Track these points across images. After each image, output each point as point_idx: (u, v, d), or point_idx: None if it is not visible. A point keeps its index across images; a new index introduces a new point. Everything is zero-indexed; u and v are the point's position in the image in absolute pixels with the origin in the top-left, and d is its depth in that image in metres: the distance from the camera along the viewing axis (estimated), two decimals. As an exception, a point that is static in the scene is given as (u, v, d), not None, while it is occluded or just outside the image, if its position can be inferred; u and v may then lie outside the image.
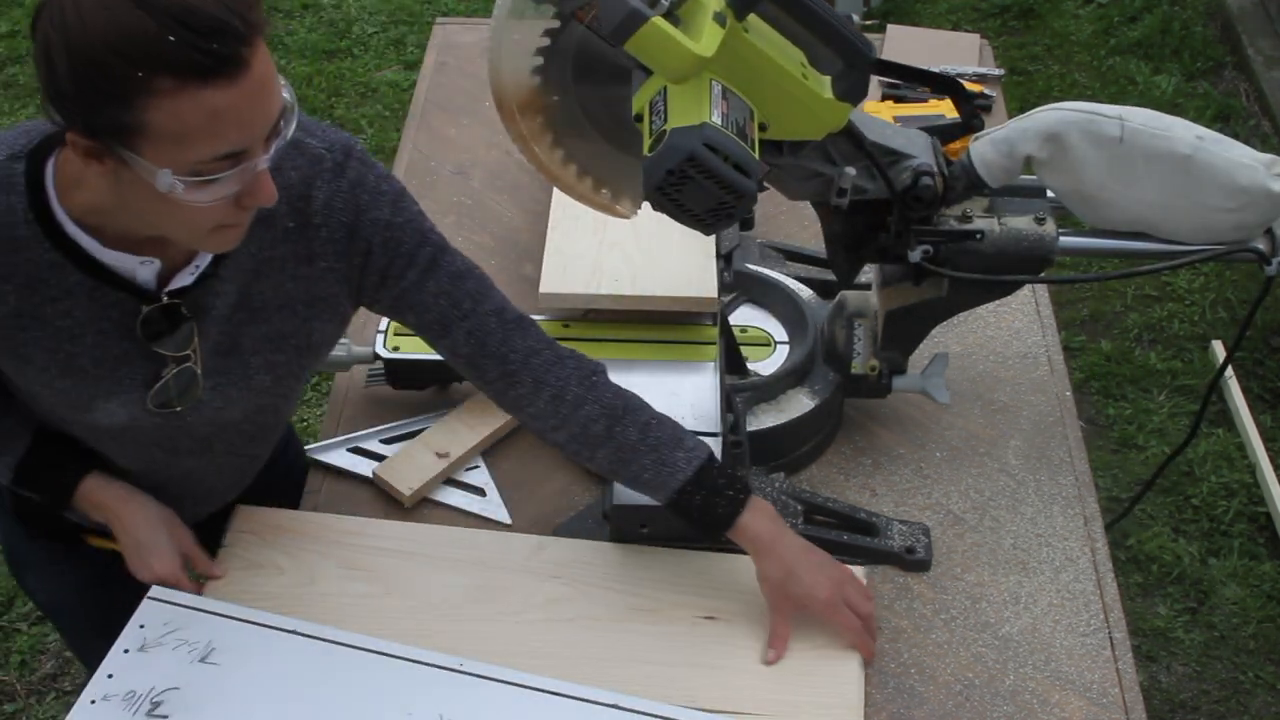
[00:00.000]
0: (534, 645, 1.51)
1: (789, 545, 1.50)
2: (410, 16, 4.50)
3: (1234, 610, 2.76)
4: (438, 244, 1.45)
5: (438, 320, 1.45)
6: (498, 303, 1.47)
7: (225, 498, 1.65)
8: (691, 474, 1.48)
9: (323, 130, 1.39)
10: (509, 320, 1.47)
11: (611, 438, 1.48)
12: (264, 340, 1.42)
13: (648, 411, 1.51)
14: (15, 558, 1.77)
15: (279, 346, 1.43)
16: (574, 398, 1.48)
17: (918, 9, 4.45)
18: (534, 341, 1.48)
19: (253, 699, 1.42)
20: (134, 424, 1.42)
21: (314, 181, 1.37)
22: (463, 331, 1.45)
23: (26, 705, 2.59)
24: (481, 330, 1.46)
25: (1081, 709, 1.52)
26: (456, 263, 1.46)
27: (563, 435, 1.50)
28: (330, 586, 1.57)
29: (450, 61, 2.56)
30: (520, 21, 1.52)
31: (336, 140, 1.39)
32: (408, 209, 1.42)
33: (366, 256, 1.40)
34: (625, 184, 1.67)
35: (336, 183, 1.37)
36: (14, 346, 1.33)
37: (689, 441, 1.50)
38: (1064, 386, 1.92)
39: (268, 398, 1.47)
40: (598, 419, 1.48)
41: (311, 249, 1.39)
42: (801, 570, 1.49)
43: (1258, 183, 1.58)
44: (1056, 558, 1.69)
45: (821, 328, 1.85)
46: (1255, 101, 4.04)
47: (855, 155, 1.56)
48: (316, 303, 1.42)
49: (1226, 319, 3.38)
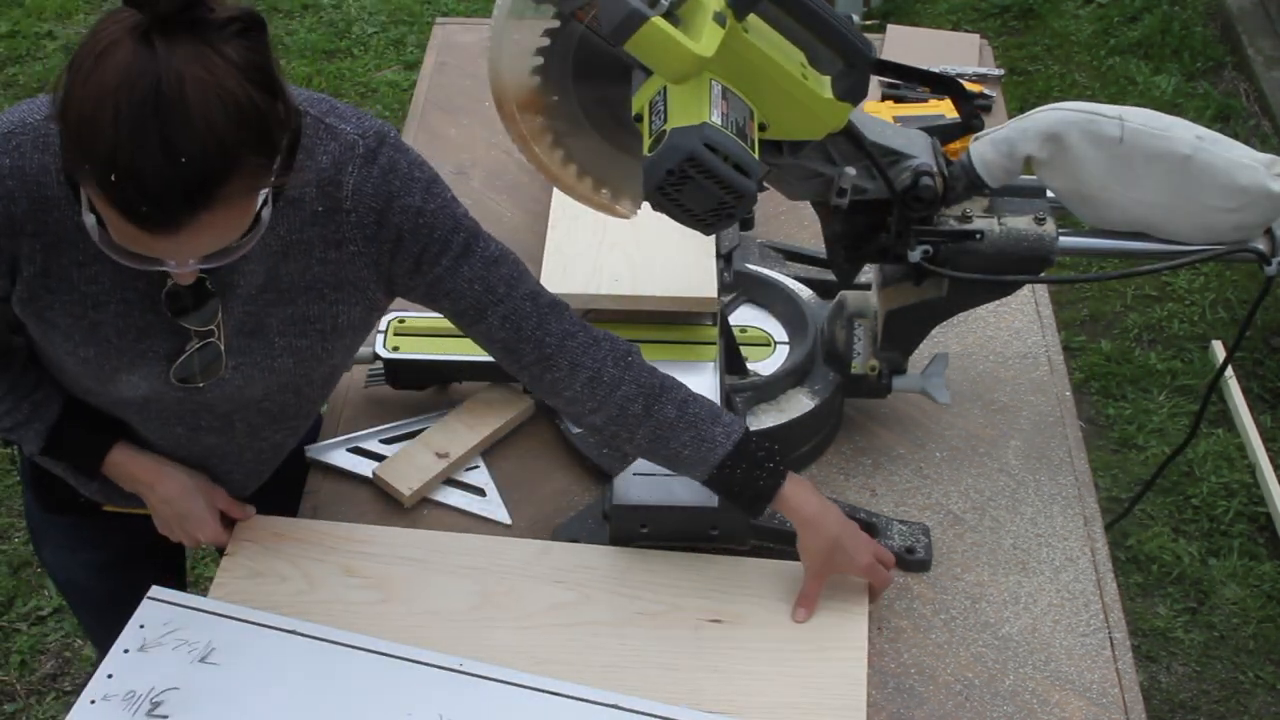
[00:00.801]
0: (538, 651, 1.51)
1: (832, 517, 1.52)
2: (410, 16, 4.50)
3: (1234, 610, 2.76)
4: (471, 229, 1.45)
5: (473, 306, 1.45)
6: (531, 287, 1.48)
7: (244, 488, 1.65)
8: (731, 448, 1.48)
9: (358, 116, 1.40)
10: (544, 304, 1.48)
11: (650, 416, 1.48)
12: (289, 322, 1.42)
13: (683, 390, 1.51)
14: (34, 532, 1.81)
15: (303, 330, 1.43)
16: (611, 379, 1.48)
17: (918, 9, 4.45)
18: (569, 325, 1.48)
19: (253, 699, 1.42)
20: (156, 397, 1.43)
21: (345, 167, 1.37)
22: (498, 316, 1.45)
23: (26, 705, 2.59)
24: (517, 315, 1.45)
25: (1081, 709, 1.52)
26: (490, 248, 1.46)
27: (601, 417, 1.50)
28: (332, 594, 1.57)
29: (450, 61, 2.56)
30: (520, 21, 1.52)
31: (370, 126, 1.39)
32: (440, 195, 1.43)
33: (397, 243, 1.40)
34: (625, 184, 1.67)
35: (367, 169, 1.37)
36: (40, 309, 1.35)
37: (725, 417, 1.50)
38: (1064, 386, 1.92)
39: (289, 379, 1.48)
40: (635, 398, 1.48)
41: (341, 233, 1.39)
42: (845, 540, 1.52)
43: (1258, 183, 1.58)
44: (1056, 558, 1.69)
45: (821, 328, 1.85)
46: (1255, 101, 4.04)
47: (855, 155, 1.55)
48: (344, 286, 1.42)
49: (1226, 319, 3.38)
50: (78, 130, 1.12)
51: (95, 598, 1.81)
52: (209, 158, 1.12)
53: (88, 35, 1.14)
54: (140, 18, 1.11)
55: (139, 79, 1.10)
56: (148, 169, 1.10)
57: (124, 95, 1.09)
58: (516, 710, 1.42)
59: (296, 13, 4.53)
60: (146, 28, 1.11)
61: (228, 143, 1.12)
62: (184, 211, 1.14)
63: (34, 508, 1.73)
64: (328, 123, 1.36)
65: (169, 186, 1.11)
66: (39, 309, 1.35)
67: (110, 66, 1.10)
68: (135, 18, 1.12)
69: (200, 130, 1.11)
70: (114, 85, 1.10)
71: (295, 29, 4.43)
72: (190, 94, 1.10)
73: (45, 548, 1.80)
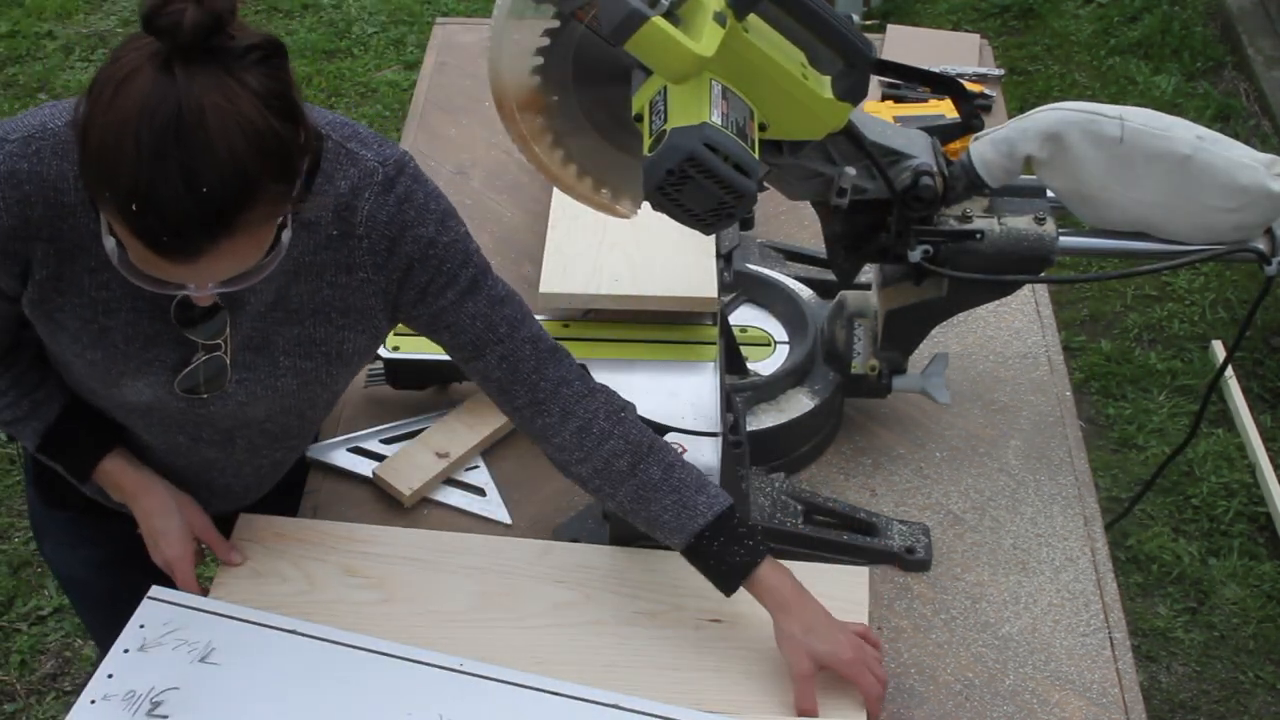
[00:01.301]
0: (539, 651, 1.51)
1: (809, 603, 1.46)
2: (410, 16, 4.50)
3: (1234, 610, 2.76)
4: (480, 266, 1.44)
5: (472, 342, 1.44)
6: (534, 330, 1.47)
7: (242, 500, 1.65)
8: (712, 519, 1.45)
9: (379, 143, 1.39)
10: (543, 349, 1.47)
11: (634, 475, 1.46)
12: (295, 343, 1.42)
13: (672, 454, 1.49)
14: (36, 527, 1.81)
15: (309, 353, 1.43)
16: (600, 431, 1.47)
17: (918, 9, 4.45)
18: (566, 372, 1.48)
19: (253, 699, 1.42)
20: (159, 405, 1.43)
21: (362, 193, 1.36)
22: (496, 356, 1.45)
23: (26, 705, 2.59)
24: (515, 356, 1.45)
25: (1081, 709, 1.52)
26: (498, 288, 1.45)
27: (586, 469, 1.48)
28: (333, 594, 1.57)
29: (450, 61, 2.56)
30: (520, 21, 1.52)
31: (391, 155, 1.39)
32: (454, 229, 1.42)
33: (407, 272, 1.40)
34: (625, 184, 1.67)
35: (384, 197, 1.37)
36: (50, 311, 1.35)
37: (712, 489, 1.47)
38: (1064, 386, 1.92)
39: (292, 401, 1.48)
40: (622, 454, 1.46)
41: (352, 259, 1.39)
42: (824, 628, 1.44)
43: (1258, 183, 1.58)
44: (1056, 558, 1.69)
45: (821, 328, 1.85)
46: (1255, 101, 4.04)
47: (855, 155, 1.56)
48: (351, 313, 1.42)
49: (1226, 319, 3.38)
50: (99, 157, 1.12)
51: (95, 594, 1.81)
52: (230, 187, 1.12)
53: (108, 61, 1.14)
54: (160, 45, 1.11)
55: (159, 107, 1.09)
56: (169, 199, 1.10)
57: (145, 124, 1.09)
58: (516, 710, 1.42)
59: (296, 13, 4.53)
60: (167, 55, 1.11)
61: (249, 172, 1.12)
62: (204, 240, 1.14)
63: (36, 502, 1.74)
64: (349, 148, 1.36)
65: (190, 217, 1.11)
66: (48, 311, 1.35)
67: (131, 94, 1.10)
68: (155, 45, 1.11)
69: (222, 159, 1.11)
70: (135, 113, 1.09)
71: (295, 29, 4.43)
72: (211, 123, 1.10)
73: (46, 543, 1.80)
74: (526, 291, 1.91)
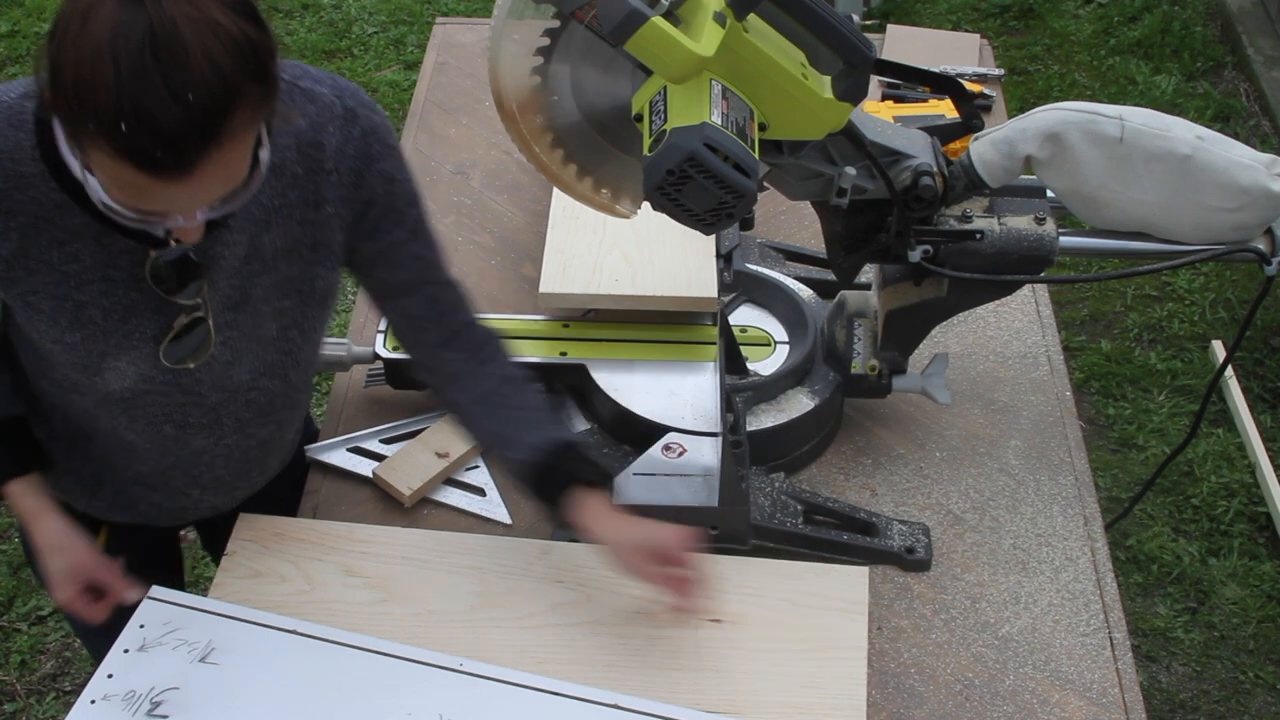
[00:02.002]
0: (538, 651, 1.51)
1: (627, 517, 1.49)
2: (410, 16, 4.51)
3: (1234, 610, 2.76)
4: (424, 208, 1.50)
5: (406, 282, 1.50)
6: (451, 271, 1.54)
7: (233, 492, 1.65)
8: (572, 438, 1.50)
9: (330, 77, 1.41)
10: (459, 290, 1.54)
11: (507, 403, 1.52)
12: (271, 288, 1.43)
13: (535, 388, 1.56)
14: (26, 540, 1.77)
15: (285, 292, 1.44)
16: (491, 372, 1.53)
17: (918, 9, 4.45)
18: (470, 313, 1.55)
19: (253, 699, 1.42)
20: (145, 386, 1.43)
21: (325, 128, 1.38)
22: (425, 296, 1.51)
23: (26, 705, 2.59)
24: (440, 297, 1.52)
25: (1081, 709, 1.52)
26: (432, 227, 1.51)
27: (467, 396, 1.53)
28: (333, 594, 1.57)
29: (450, 61, 2.56)
30: (520, 21, 1.52)
31: (345, 87, 1.42)
32: (406, 167, 1.47)
33: (368, 205, 1.44)
34: (625, 184, 1.67)
35: (349, 129, 1.40)
36: (23, 292, 1.34)
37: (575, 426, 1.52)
38: (1064, 386, 1.92)
39: (274, 353, 1.48)
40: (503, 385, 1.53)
41: (320, 194, 1.40)
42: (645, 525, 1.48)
43: (1258, 183, 1.58)
44: (1056, 558, 1.69)
45: (821, 328, 1.85)
46: (1255, 101, 4.04)
47: (855, 155, 1.56)
48: (320, 248, 1.44)
49: (1226, 319, 3.38)
50: (76, 92, 1.10)
51: None
52: (215, 93, 1.11)
53: (65, 2, 1.12)
54: None
55: (131, 27, 1.08)
56: (159, 113, 1.09)
57: (120, 45, 1.08)
58: (516, 710, 1.42)
59: (296, 13, 4.53)
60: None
61: (229, 76, 1.12)
62: (197, 150, 1.13)
63: None
64: (301, 86, 1.38)
65: (180, 126, 1.10)
66: (21, 292, 1.34)
67: (99, 21, 1.09)
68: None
69: (202, 67, 1.10)
70: (107, 39, 1.08)
71: (295, 29, 4.43)
72: (186, 33, 1.09)
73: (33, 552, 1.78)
74: (527, 291, 1.91)
